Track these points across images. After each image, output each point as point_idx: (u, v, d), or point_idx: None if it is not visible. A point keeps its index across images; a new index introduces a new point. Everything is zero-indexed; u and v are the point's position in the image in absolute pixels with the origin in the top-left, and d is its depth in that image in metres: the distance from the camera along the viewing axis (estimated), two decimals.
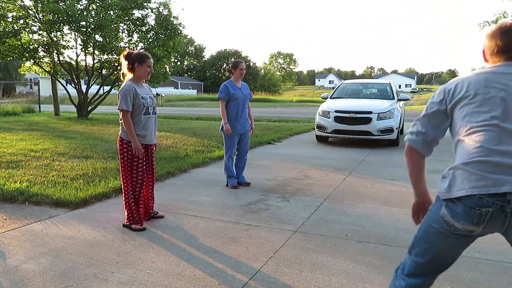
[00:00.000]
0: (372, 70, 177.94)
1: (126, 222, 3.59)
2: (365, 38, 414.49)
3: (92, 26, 13.17)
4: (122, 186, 3.62)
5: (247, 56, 75.67)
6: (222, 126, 4.99)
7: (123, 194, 3.61)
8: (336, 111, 8.74)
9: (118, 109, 3.45)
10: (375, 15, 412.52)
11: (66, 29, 13.87)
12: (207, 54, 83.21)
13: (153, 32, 14.82)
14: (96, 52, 14.62)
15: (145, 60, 3.49)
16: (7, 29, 13.16)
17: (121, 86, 3.51)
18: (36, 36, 14.25)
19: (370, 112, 8.45)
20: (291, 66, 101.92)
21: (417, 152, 1.74)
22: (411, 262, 1.72)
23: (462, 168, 1.54)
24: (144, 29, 15.05)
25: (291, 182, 5.43)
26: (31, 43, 13.86)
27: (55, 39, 13.94)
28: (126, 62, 3.53)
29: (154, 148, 3.79)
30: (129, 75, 3.57)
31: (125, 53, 3.55)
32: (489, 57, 1.70)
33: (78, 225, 3.66)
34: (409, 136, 1.76)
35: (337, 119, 8.67)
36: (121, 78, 3.68)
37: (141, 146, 3.52)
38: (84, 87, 15.05)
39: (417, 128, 1.74)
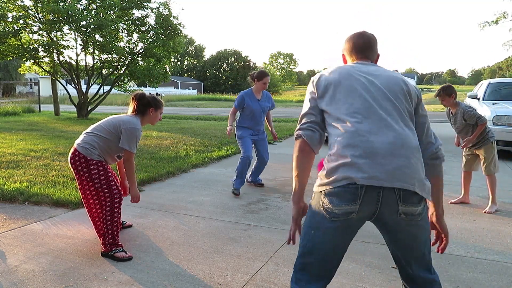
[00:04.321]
0: None
1: (107, 251, 3.00)
2: None
3: (92, 26, 13.17)
4: (98, 213, 3.09)
5: (247, 56, 75.54)
6: (234, 134, 4.91)
7: (101, 220, 3.05)
8: None
9: (127, 150, 3.04)
10: (375, 15, 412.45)
11: (66, 29, 13.88)
12: (207, 54, 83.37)
13: (153, 32, 14.83)
14: (96, 52, 14.63)
15: (161, 106, 3.25)
16: (7, 29, 13.16)
17: (130, 122, 3.07)
18: (36, 36, 14.28)
19: None
20: (291, 66, 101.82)
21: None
22: (299, 263, 1.66)
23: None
24: (144, 29, 15.06)
25: (291, 182, 5.42)
26: (31, 43, 13.87)
27: (55, 39, 13.94)
28: (136, 103, 3.18)
29: None
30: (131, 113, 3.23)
31: (138, 94, 3.22)
32: (347, 57, 1.92)
33: (78, 225, 3.66)
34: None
35: None
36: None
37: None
38: (84, 87, 15.05)
39: None
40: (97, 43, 14.03)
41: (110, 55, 14.85)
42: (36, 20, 13.61)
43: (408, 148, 1.54)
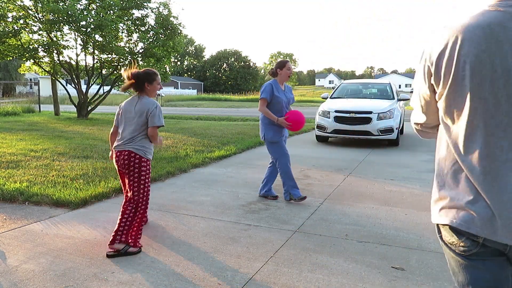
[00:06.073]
0: (372, 70, 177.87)
1: (136, 248, 3.12)
2: (365, 38, 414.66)
3: (92, 26, 13.18)
4: (141, 208, 3.21)
5: (247, 56, 75.64)
6: (264, 135, 4.40)
7: (142, 215, 3.21)
8: (336, 111, 8.75)
9: (160, 126, 3.33)
10: (375, 15, 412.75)
11: (66, 29, 13.89)
12: (207, 54, 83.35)
13: (153, 32, 14.83)
14: (96, 52, 14.63)
15: (156, 78, 3.30)
16: (7, 29, 13.16)
17: (151, 101, 3.27)
18: (36, 36, 14.29)
19: (370, 112, 8.46)
20: None
21: None
22: None
23: None
24: (144, 29, 15.06)
25: None
26: (31, 43, 13.87)
27: (55, 39, 13.95)
28: (131, 82, 3.27)
29: None
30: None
31: (130, 73, 3.26)
32: None
33: (78, 225, 3.66)
34: None
35: (337, 119, 8.68)
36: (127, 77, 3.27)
37: None
38: (84, 87, 15.05)
39: None
40: (97, 43, 14.03)
41: (110, 55, 14.85)
42: (36, 20, 13.61)
43: None
